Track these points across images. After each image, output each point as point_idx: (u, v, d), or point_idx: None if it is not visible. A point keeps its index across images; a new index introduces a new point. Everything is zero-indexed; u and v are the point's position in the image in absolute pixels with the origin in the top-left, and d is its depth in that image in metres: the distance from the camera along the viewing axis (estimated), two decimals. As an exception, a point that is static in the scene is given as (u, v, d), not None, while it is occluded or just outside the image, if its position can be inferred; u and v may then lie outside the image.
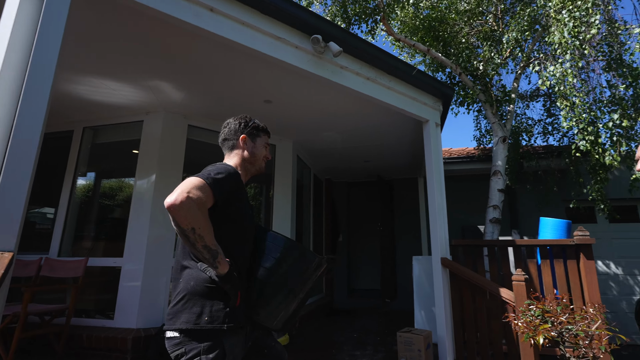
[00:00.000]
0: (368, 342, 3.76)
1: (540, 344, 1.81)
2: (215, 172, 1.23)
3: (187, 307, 1.19)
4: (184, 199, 1.08)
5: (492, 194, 4.26)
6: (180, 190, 1.10)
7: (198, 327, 1.15)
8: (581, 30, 2.86)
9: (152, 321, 3.34)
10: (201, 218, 1.11)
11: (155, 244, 3.49)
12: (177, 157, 3.81)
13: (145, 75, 3.10)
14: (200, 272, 1.20)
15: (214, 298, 1.19)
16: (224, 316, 1.18)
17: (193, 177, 1.18)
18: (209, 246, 1.12)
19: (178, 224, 1.09)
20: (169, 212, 1.08)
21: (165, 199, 1.09)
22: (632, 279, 5.67)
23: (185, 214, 1.08)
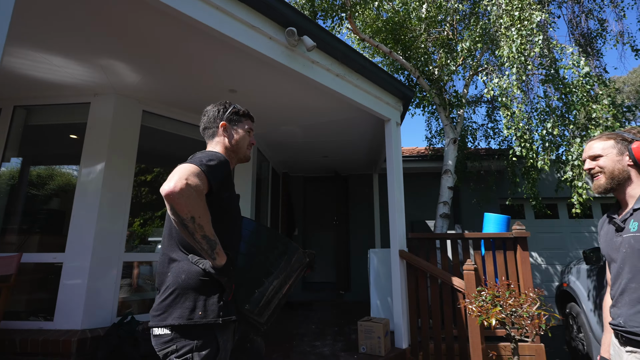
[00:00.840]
0: (327, 332, 3.86)
1: (493, 325, 2.03)
2: (207, 159, 1.18)
3: (178, 302, 1.13)
4: (183, 186, 1.02)
5: (443, 191, 4.59)
6: (178, 176, 1.04)
7: (192, 323, 1.11)
8: (526, 47, 3.19)
9: (99, 321, 3.09)
10: (201, 206, 1.06)
11: (103, 239, 3.23)
12: (129, 144, 3.53)
13: (97, 52, 2.82)
14: (192, 265, 1.15)
15: (207, 291, 1.15)
16: (219, 310, 1.15)
17: (186, 163, 1.12)
18: (208, 236, 1.07)
19: (177, 213, 1.02)
20: (166, 200, 1.02)
21: (162, 187, 1.02)
22: (552, 269, 6.49)
23: (186, 202, 1.02)
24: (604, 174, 1.36)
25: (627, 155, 1.34)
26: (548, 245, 6.61)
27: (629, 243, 1.24)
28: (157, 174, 3.95)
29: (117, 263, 3.27)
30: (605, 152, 1.37)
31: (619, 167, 1.34)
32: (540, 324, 2.02)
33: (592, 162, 1.41)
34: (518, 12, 3.26)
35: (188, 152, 2.61)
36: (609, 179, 1.35)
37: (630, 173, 1.33)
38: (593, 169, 1.40)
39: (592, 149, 1.42)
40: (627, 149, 1.34)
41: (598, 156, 1.39)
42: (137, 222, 3.63)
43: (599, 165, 1.37)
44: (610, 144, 1.38)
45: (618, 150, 1.36)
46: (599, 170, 1.37)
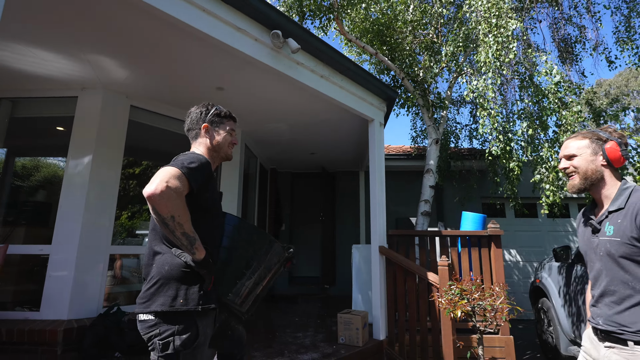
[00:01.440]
0: (309, 324, 3.99)
1: (458, 317, 2.17)
2: (189, 161, 1.27)
3: (161, 290, 1.23)
4: (163, 188, 1.12)
5: (424, 189, 4.75)
6: (159, 179, 1.13)
7: (173, 310, 1.21)
8: (502, 53, 3.34)
9: (86, 311, 3.16)
10: (180, 206, 1.16)
11: (90, 231, 3.29)
12: (117, 138, 3.58)
13: (86, 48, 2.86)
14: (175, 258, 1.26)
15: (188, 282, 1.26)
16: (198, 298, 1.25)
17: (168, 166, 1.22)
18: (187, 233, 1.18)
19: (158, 213, 1.13)
20: (148, 201, 1.12)
21: (145, 189, 1.12)
22: (530, 266, 6.74)
23: (166, 203, 1.12)
24: (578, 174, 1.38)
25: (600, 155, 1.35)
26: (526, 243, 6.86)
27: (605, 247, 1.29)
28: (145, 167, 4.01)
29: (104, 255, 3.34)
30: (579, 152, 1.39)
31: (592, 168, 1.35)
32: (502, 316, 2.18)
33: (567, 161, 1.42)
34: (495, 20, 3.40)
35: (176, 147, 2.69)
36: (583, 179, 1.37)
37: (604, 173, 1.35)
38: (568, 168, 1.42)
39: (567, 147, 1.44)
40: (601, 149, 1.35)
41: (573, 156, 1.40)
42: (124, 215, 3.69)
43: (574, 165, 1.39)
44: (585, 144, 1.39)
45: (592, 150, 1.37)
46: (574, 170, 1.39)
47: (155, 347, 1.20)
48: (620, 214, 1.28)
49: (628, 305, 1.21)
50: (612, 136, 1.37)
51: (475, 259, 3.57)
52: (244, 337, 1.67)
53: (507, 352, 3.30)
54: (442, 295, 2.43)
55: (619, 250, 1.24)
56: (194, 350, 1.24)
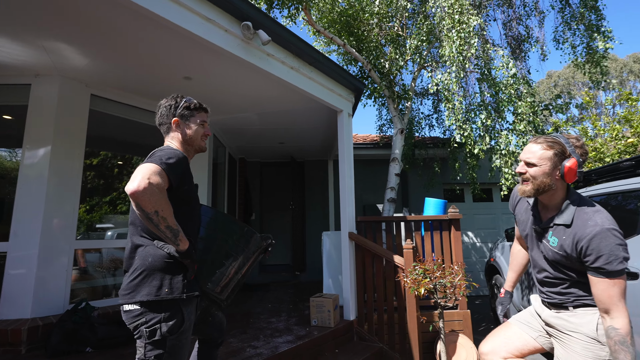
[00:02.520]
0: (282, 310, 4.12)
1: (421, 294, 2.38)
2: (167, 157, 1.31)
3: (146, 281, 1.28)
4: (146, 185, 1.15)
5: (390, 177, 4.97)
6: (141, 176, 1.17)
7: (159, 299, 1.27)
8: (465, 48, 3.55)
9: (51, 309, 3.06)
10: (163, 201, 1.21)
11: (53, 226, 3.16)
12: (78, 129, 3.42)
13: (40, 33, 2.69)
14: (158, 249, 1.30)
15: (172, 271, 1.31)
16: (183, 287, 1.31)
17: (147, 163, 1.25)
18: (171, 226, 1.23)
19: (142, 209, 1.16)
20: (131, 198, 1.15)
21: (127, 187, 1.15)
22: (486, 246, 7.27)
23: (149, 199, 1.16)
24: (532, 183, 1.43)
25: (559, 170, 1.40)
26: (483, 225, 7.38)
27: (547, 253, 1.49)
28: (109, 158, 3.86)
29: (68, 250, 3.23)
30: (540, 163, 1.41)
31: (547, 181, 1.41)
32: (460, 291, 2.41)
33: (526, 167, 1.46)
34: (458, 16, 3.59)
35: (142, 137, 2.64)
36: (535, 190, 1.43)
37: (557, 184, 1.43)
38: (524, 174, 1.46)
39: (530, 153, 1.45)
40: (561, 165, 1.39)
41: (533, 164, 1.43)
42: (82, 209, 3.53)
43: (530, 174, 1.43)
44: (548, 156, 1.40)
45: (553, 164, 1.40)
46: (529, 178, 1.44)
47: (142, 335, 1.25)
48: (565, 231, 1.41)
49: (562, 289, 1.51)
50: (576, 152, 1.40)
51: (437, 242, 3.84)
52: (224, 323, 1.75)
53: (465, 325, 3.62)
54: (407, 275, 2.63)
55: (557, 258, 1.46)
56: (180, 336, 1.30)
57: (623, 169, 2.84)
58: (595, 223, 1.34)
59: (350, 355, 3.07)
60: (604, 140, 5.76)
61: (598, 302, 1.33)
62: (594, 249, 1.31)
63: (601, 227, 1.32)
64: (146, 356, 1.26)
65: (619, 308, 1.28)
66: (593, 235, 1.32)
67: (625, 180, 2.65)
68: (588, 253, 1.33)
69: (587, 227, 1.35)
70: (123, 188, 3.90)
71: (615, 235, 1.31)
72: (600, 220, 1.35)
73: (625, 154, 5.36)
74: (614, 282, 1.29)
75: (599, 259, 1.30)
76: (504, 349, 1.66)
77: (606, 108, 17.66)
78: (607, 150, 5.58)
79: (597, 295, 1.33)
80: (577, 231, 1.37)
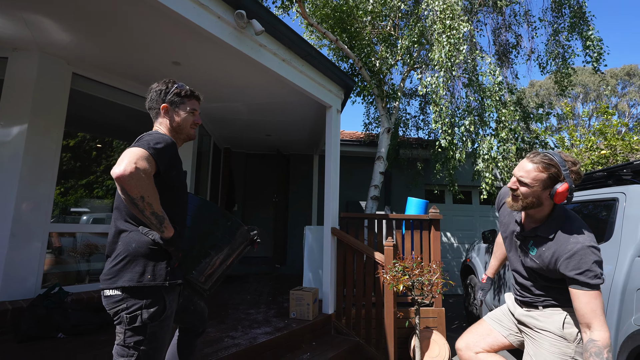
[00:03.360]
0: (261, 302, 4.12)
1: (400, 290, 2.44)
2: (155, 142, 1.28)
3: (128, 267, 1.26)
4: (132, 170, 1.12)
5: (375, 175, 5.03)
6: (128, 160, 1.14)
7: (141, 285, 1.25)
8: (453, 54, 3.61)
9: (21, 292, 2.96)
10: (149, 187, 1.18)
11: (26, 208, 3.04)
12: (57, 108, 3.29)
13: (20, 3, 2.55)
14: (142, 235, 1.28)
15: (156, 258, 1.30)
16: (166, 274, 1.30)
17: (134, 147, 1.22)
18: (156, 212, 1.21)
19: (127, 193, 1.14)
20: (117, 182, 1.12)
21: (113, 170, 1.12)
22: (462, 247, 7.48)
23: (135, 184, 1.13)
24: (522, 201, 1.47)
25: (549, 190, 1.43)
26: (461, 226, 7.59)
27: (523, 259, 1.57)
28: (88, 140, 3.74)
29: (42, 233, 3.12)
30: (532, 184, 1.43)
31: (535, 201, 1.45)
32: (437, 289, 2.48)
33: (518, 184, 1.48)
34: (449, 21, 3.65)
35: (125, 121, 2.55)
36: (523, 207, 1.48)
37: (545, 202, 1.47)
38: (516, 190, 1.49)
39: (524, 171, 1.46)
40: (552, 189, 1.42)
41: (525, 184, 1.45)
42: (57, 191, 3.41)
43: (522, 192, 1.46)
44: (541, 178, 1.42)
45: (544, 185, 1.42)
46: (519, 195, 1.48)
47: (122, 321, 1.24)
48: (546, 244, 1.47)
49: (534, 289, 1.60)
50: (570, 177, 1.42)
51: (417, 240, 3.93)
52: (206, 312, 1.74)
53: (439, 322, 3.74)
54: (387, 272, 2.68)
55: (533, 267, 1.54)
56: (161, 323, 1.29)
57: (596, 179, 2.99)
58: (577, 241, 1.40)
59: (327, 348, 3.12)
60: (579, 151, 6.01)
61: (580, 315, 1.37)
62: (575, 265, 1.37)
63: (582, 245, 1.39)
64: (125, 342, 1.24)
65: (600, 321, 1.32)
66: (574, 252, 1.38)
67: (597, 189, 2.79)
68: (569, 269, 1.38)
69: (568, 244, 1.41)
70: (101, 172, 3.79)
71: (594, 253, 1.37)
72: (582, 239, 1.41)
73: (598, 164, 5.61)
74: (596, 295, 1.34)
75: (581, 274, 1.35)
76: (477, 345, 1.75)
77: (583, 120, 18.38)
78: (582, 160, 5.82)
79: (579, 309, 1.36)
80: (558, 247, 1.43)
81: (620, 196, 2.45)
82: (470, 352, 1.75)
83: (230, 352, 2.48)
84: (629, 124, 16.55)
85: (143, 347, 1.26)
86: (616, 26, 44.68)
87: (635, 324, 1.97)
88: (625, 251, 2.21)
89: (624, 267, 2.16)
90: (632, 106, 23.69)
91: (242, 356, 2.53)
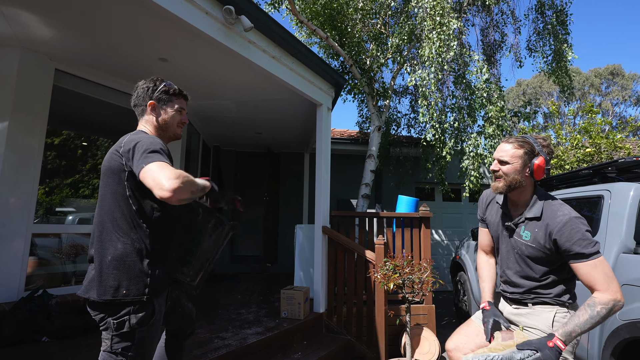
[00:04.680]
0: (252, 301, 4.09)
1: (390, 288, 2.44)
2: (153, 146, 1.24)
3: (117, 275, 1.22)
4: (174, 186, 1.10)
5: (366, 173, 5.03)
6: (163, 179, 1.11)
7: (131, 292, 1.22)
8: (443, 50, 3.63)
9: (4, 295, 2.86)
10: (188, 183, 1.16)
11: (8, 207, 2.95)
12: (39, 105, 3.19)
13: None
14: (128, 245, 1.24)
15: (146, 266, 1.26)
16: (155, 281, 1.27)
17: (151, 163, 1.17)
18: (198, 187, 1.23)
19: (182, 200, 1.15)
20: (170, 202, 1.12)
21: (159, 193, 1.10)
22: (452, 244, 7.56)
23: (183, 192, 1.13)
24: (505, 180, 1.54)
25: (528, 167, 1.52)
26: (451, 224, 7.66)
27: (520, 248, 1.58)
28: (72, 138, 3.65)
29: (24, 234, 3.03)
30: (512, 161, 1.53)
31: (518, 178, 1.52)
32: (427, 286, 2.50)
33: (499, 165, 1.56)
34: (439, 18, 3.66)
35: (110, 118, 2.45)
36: (507, 186, 1.54)
37: (527, 181, 1.54)
38: (497, 172, 1.57)
39: (503, 151, 1.56)
40: (531, 163, 1.51)
41: (505, 162, 1.54)
42: (41, 191, 3.32)
43: (503, 171, 1.55)
44: (519, 154, 1.52)
45: (523, 162, 1.52)
46: (502, 175, 1.56)
47: (109, 326, 1.20)
48: (537, 224, 1.53)
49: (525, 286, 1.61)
50: (543, 151, 1.54)
51: (408, 238, 3.94)
52: (194, 313, 1.71)
53: (429, 319, 3.76)
54: (378, 270, 2.69)
55: (531, 253, 1.55)
56: (150, 327, 1.26)
57: (581, 177, 3.04)
58: (564, 213, 1.47)
59: (319, 347, 3.11)
60: (565, 149, 6.12)
61: (586, 285, 1.40)
62: (568, 236, 1.42)
63: (569, 216, 1.45)
64: (113, 348, 1.20)
65: (604, 285, 1.34)
66: (564, 223, 1.44)
67: (583, 187, 2.84)
68: (563, 241, 1.43)
69: (556, 217, 1.47)
70: (87, 170, 3.70)
71: (582, 223, 1.44)
72: (567, 210, 1.48)
73: (583, 162, 5.72)
74: (595, 264, 1.37)
75: (575, 244, 1.40)
76: (466, 346, 1.76)
77: (568, 118, 18.77)
78: (568, 158, 5.93)
79: (583, 280, 1.40)
80: (549, 222, 1.49)
81: (605, 194, 2.50)
82: (459, 354, 1.76)
83: (221, 354, 2.45)
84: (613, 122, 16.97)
85: (131, 353, 1.22)
86: (600, 25, 45.69)
87: (620, 318, 2.01)
88: (610, 247, 2.26)
89: (610, 263, 2.20)
90: (615, 105, 24.29)
91: (232, 357, 2.51)
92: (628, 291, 2.02)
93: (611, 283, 1.35)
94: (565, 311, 1.54)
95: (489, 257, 1.91)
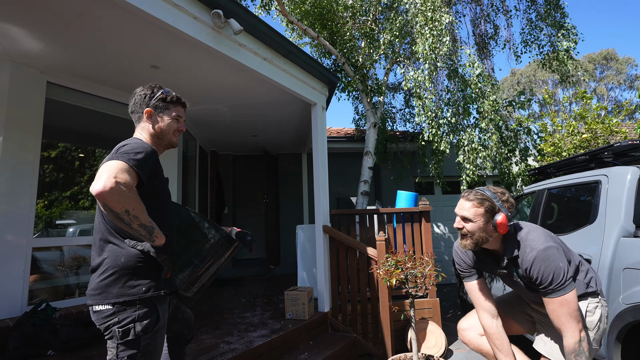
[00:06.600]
0: (256, 304, 4.09)
1: (393, 284, 2.44)
2: (134, 152, 1.23)
3: (120, 281, 1.22)
4: (113, 185, 1.07)
5: (364, 170, 5.03)
6: (107, 175, 1.08)
7: (133, 298, 1.22)
8: (437, 46, 3.62)
9: (7, 312, 2.86)
10: (134, 199, 1.13)
11: (6, 223, 2.94)
12: (32, 119, 3.18)
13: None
14: (130, 249, 1.24)
15: (146, 271, 1.26)
16: (157, 285, 1.27)
17: (113, 160, 1.16)
18: (144, 224, 1.16)
19: (111, 209, 1.09)
20: (98, 199, 1.07)
21: (92, 187, 1.07)
22: (454, 237, 7.56)
23: (118, 198, 1.08)
24: (471, 238, 1.59)
25: (492, 224, 1.57)
26: (451, 216, 7.64)
27: (519, 285, 1.65)
28: (68, 150, 3.64)
29: (24, 249, 3.02)
30: (475, 219, 1.57)
31: (483, 235, 1.58)
32: (430, 280, 2.50)
33: (462, 222, 1.61)
34: (431, 13, 3.66)
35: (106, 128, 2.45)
36: (474, 243, 1.61)
37: (493, 235, 1.60)
38: (462, 229, 1.62)
39: (464, 210, 1.60)
40: (493, 221, 1.56)
41: (468, 219, 1.58)
42: (40, 204, 3.31)
43: (467, 229, 1.59)
44: (480, 213, 1.56)
45: (485, 219, 1.56)
46: (467, 233, 1.60)
47: (114, 335, 1.20)
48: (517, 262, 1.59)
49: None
50: (504, 206, 1.58)
51: (409, 233, 3.95)
52: (192, 319, 1.72)
53: (434, 312, 3.77)
54: (380, 267, 2.69)
55: (528, 284, 1.60)
56: (155, 334, 1.26)
57: (578, 163, 3.04)
58: (532, 248, 1.52)
59: (325, 347, 3.11)
60: (561, 136, 6.13)
61: (552, 321, 1.48)
62: (539, 273, 1.46)
63: (537, 251, 1.49)
64: (118, 357, 1.20)
65: (566, 327, 1.42)
66: (532, 260, 1.49)
67: (580, 173, 2.84)
68: (536, 278, 1.48)
69: (527, 254, 1.52)
70: (85, 182, 3.69)
71: (550, 256, 1.47)
72: (534, 244, 1.52)
73: (580, 148, 5.73)
74: (561, 302, 1.42)
75: (545, 281, 1.45)
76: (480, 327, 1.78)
77: (564, 105, 18.77)
78: (564, 145, 5.94)
79: (549, 316, 1.48)
80: (523, 261, 1.55)
81: (602, 179, 2.50)
82: (474, 333, 1.78)
83: (227, 358, 2.45)
84: (608, 107, 16.97)
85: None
86: (593, 10, 45.71)
87: (623, 302, 2.01)
88: (610, 232, 2.26)
89: (610, 248, 2.20)
90: (611, 89, 24.31)
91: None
92: (630, 275, 2.03)
93: (571, 323, 1.41)
94: (597, 300, 1.58)
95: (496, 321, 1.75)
